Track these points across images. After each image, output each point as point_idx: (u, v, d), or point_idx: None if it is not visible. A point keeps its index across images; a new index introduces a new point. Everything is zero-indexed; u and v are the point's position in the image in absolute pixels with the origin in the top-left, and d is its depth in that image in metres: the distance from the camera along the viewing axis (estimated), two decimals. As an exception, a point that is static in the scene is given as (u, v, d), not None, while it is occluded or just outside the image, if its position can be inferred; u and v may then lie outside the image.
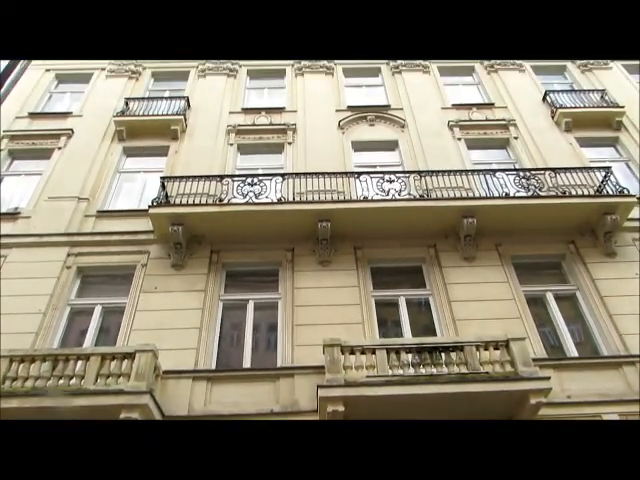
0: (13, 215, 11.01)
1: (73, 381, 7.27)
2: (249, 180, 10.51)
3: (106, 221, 11.01)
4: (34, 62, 15.02)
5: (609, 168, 10.89)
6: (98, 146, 12.71)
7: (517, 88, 14.73)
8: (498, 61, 15.63)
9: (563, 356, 8.83)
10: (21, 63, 6.43)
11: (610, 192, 10.39)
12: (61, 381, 7.23)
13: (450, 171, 10.91)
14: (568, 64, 16.01)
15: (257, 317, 9.54)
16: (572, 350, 8.95)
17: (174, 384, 8.10)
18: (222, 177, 10.86)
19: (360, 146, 13.01)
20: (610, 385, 8.16)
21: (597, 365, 8.52)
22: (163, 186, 10.43)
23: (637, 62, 15.83)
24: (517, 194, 10.41)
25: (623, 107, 13.50)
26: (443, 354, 7.70)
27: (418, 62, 15.58)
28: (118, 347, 8.26)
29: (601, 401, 7.91)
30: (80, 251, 10.27)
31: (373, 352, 7.66)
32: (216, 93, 14.55)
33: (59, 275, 9.78)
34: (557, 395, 7.84)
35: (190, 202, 10.17)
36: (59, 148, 12.76)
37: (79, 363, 7.44)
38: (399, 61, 15.57)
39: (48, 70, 15.40)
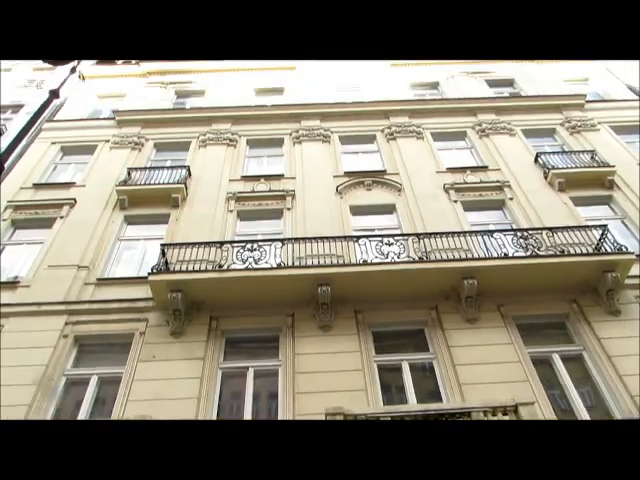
0: (12, 284, 10.99)
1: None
2: (249, 246, 10.57)
3: (105, 289, 10.97)
4: (41, 135, 15.60)
5: (605, 226, 10.99)
6: (100, 215, 12.89)
7: (509, 151, 15.12)
8: (489, 125, 16.16)
9: (574, 419, 8.53)
10: (27, 137, 6.61)
11: (608, 250, 10.42)
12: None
13: (448, 233, 10.99)
14: (557, 127, 16.52)
15: (257, 385, 9.29)
16: (583, 413, 8.65)
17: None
18: (222, 243, 10.94)
19: (358, 210, 13.19)
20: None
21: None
22: (163, 253, 10.48)
23: (624, 122, 16.37)
24: (516, 254, 10.43)
25: (614, 166, 13.80)
26: (450, 421, 7.44)
27: (412, 128, 16.11)
28: (112, 420, 7.98)
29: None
30: (78, 319, 10.17)
31: (377, 420, 7.41)
32: (216, 162, 14.92)
33: (56, 344, 9.63)
34: (571, 462, 7.50)
35: (190, 269, 10.18)
36: (61, 217, 12.93)
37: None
38: (393, 127, 16.10)
39: (54, 143, 15.91)
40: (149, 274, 10.04)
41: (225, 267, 10.25)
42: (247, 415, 8.69)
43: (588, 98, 17.63)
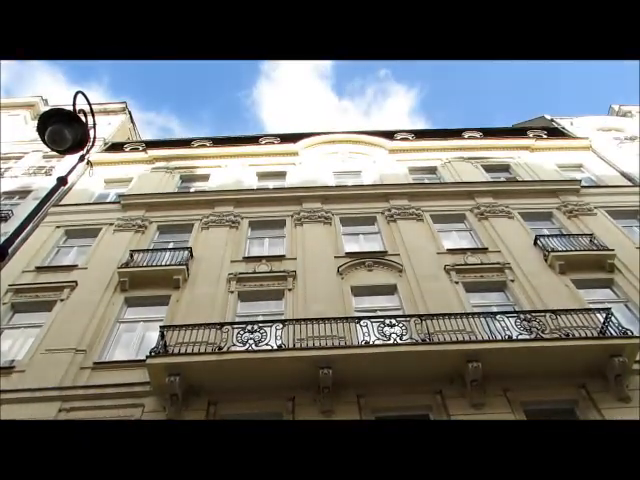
0: (8, 369, 10.75)
1: None
2: (249, 327, 10.47)
3: (102, 373, 10.73)
4: (46, 219, 15.91)
5: (609, 309, 10.91)
6: (100, 297, 12.86)
7: (508, 233, 15.36)
8: (487, 208, 16.53)
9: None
10: (33, 222, 6.76)
11: (613, 333, 10.29)
12: None
13: (451, 314, 10.91)
14: (554, 210, 16.88)
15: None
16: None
17: None
18: (222, 325, 10.84)
19: (359, 291, 13.18)
20: None
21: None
22: (162, 335, 10.35)
23: (620, 207, 16.75)
24: (520, 337, 10.30)
25: (613, 250, 13.93)
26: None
27: (412, 210, 16.47)
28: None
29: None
30: (72, 406, 9.86)
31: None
32: (218, 243, 15.13)
33: (47, 432, 9.25)
34: None
35: (189, 351, 10.02)
36: (61, 300, 12.89)
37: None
38: (393, 210, 16.46)
39: (59, 227, 16.21)
40: (147, 357, 9.86)
41: (225, 349, 10.09)
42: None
43: (583, 184, 18.15)
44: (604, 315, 10.74)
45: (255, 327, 10.47)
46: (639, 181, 18.27)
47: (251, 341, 10.17)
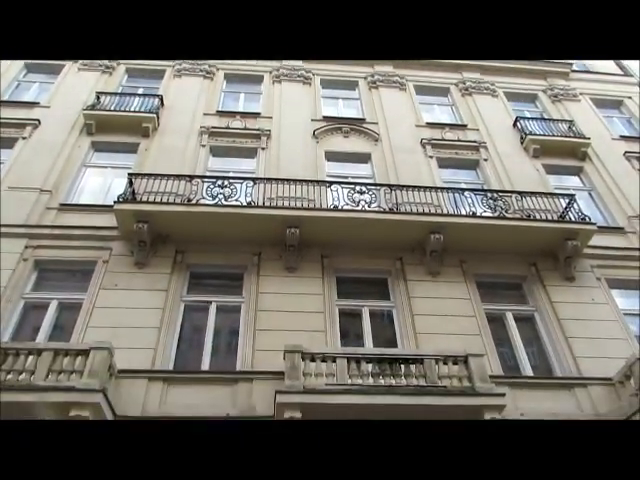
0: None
1: (22, 376, 6.95)
2: (219, 182, 10.40)
3: (68, 215, 10.68)
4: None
5: (573, 196, 11.23)
6: (65, 138, 12.37)
7: (489, 112, 15.08)
8: (473, 84, 16.03)
9: (519, 375, 8.98)
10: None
11: (573, 219, 10.68)
12: (9, 376, 6.91)
13: (420, 187, 11.04)
14: (539, 93, 16.52)
15: (219, 320, 9.39)
16: (528, 370, 9.12)
17: (129, 384, 7.85)
18: (192, 177, 10.72)
19: (333, 156, 13.06)
20: (561, 405, 8.31)
21: (550, 385, 8.72)
22: (130, 182, 10.21)
23: (604, 96, 16.51)
24: (484, 214, 10.60)
25: (589, 138, 13.97)
26: (403, 366, 7.72)
27: (395, 78, 15.82)
28: (72, 343, 7.97)
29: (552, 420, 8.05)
30: (39, 244, 9.93)
31: (334, 360, 7.63)
32: (191, 94, 14.41)
33: (15, 267, 9.42)
34: (511, 413, 7.90)
35: (158, 200, 9.98)
36: (24, 138, 12.35)
37: (30, 358, 7.13)
38: (377, 76, 15.77)
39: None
40: (115, 202, 9.80)
41: (194, 201, 10.08)
42: (207, 348, 8.82)
43: (574, 68, 17.57)
44: (567, 200, 11.07)
45: (226, 182, 10.41)
46: (637, 72, 17.82)
47: (221, 196, 10.17)
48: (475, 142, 13.87)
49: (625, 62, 18.49)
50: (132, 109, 13.19)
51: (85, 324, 8.72)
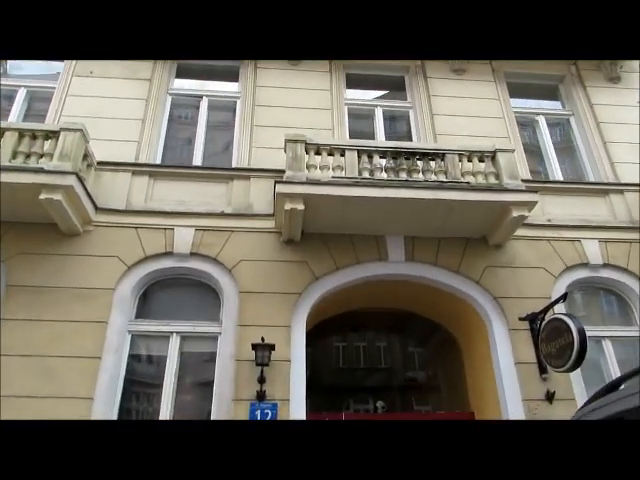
0: None
1: (-15, 158, 6.07)
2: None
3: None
4: None
5: None
6: None
7: None
8: None
9: (549, 180, 8.09)
10: None
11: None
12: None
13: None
14: None
15: (212, 116, 8.27)
16: (559, 176, 8.20)
17: (110, 177, 7.00)
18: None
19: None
20: (594, 212, 7.54)
21: (583, 191, 7.80)
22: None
23: None
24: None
25: None
26: (421, 161, 6.76)
27: None
28: (40, 124, 6.92)
29: (582, 226, 7.33)
30: None
31: (342, 153, 6.64)
32: None
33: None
34: (538, 217, 7.20)
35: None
36: None
37: (-7, 140, 6.20)
38: None
39: None
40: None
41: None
42: (198, 143, 7.83)
43: None
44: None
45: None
46: None
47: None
48: None
49: None
50: None
51: (58, 113, 7.61)
